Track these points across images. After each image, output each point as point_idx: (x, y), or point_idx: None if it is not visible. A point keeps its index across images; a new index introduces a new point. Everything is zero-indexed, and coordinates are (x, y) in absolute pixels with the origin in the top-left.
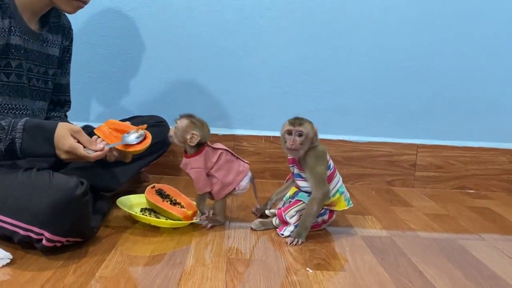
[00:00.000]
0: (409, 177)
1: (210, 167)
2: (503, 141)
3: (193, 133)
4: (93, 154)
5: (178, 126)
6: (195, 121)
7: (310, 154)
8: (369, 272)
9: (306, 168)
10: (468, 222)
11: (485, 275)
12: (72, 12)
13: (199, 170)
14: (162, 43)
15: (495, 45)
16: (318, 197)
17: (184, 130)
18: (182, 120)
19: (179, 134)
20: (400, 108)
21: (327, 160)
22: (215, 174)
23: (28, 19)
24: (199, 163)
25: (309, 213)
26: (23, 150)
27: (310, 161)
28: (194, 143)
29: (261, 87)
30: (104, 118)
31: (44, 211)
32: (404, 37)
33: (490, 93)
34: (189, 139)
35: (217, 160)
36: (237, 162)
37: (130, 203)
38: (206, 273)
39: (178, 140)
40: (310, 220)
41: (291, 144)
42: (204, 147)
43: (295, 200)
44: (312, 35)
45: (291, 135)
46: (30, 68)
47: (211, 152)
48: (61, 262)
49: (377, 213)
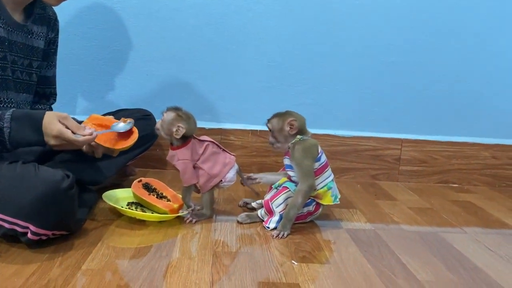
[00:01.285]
0: (394, 171)
1: (197, 159)
2: (486, 136)
3: (179, 125)
4: (81, 138)
5: (164, 119)
6: (181, 114)
7: (298, 147)
8: (354, 264)
9: (294, 160)
10: (450, 216)
11: (466, 267)
12: (56, 4)
13: (186, 162)
14: (149, 36)
15: (480, 41)
16: (303, 189)
17: (170, 123)
18: (168, 113)
19: (165, 126)
20: (385, 103)
21: (317, 154)
22: (202, 165)
23: (12, 10)
24: (186, 155)
25: (293, 204)
26: (12, 139)
27: (298, 154)
28: (179, 136)
29: (248, 81)
30: (90, 111)
31: (29, 204)
32: (390, 33)
33: (474, 89)
34: (175, 132)
35: (203, 152)
36: (223, 154)
37: (116, 197)
38: (192, 265)
39: (165, 132)
40: (295, 211)
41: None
42: (190, 139)
43: (282, 187)
44: (299, 29)
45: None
46: (14, 61)
47: (197, 144)
48: (46, 255)
49: (362, 207)
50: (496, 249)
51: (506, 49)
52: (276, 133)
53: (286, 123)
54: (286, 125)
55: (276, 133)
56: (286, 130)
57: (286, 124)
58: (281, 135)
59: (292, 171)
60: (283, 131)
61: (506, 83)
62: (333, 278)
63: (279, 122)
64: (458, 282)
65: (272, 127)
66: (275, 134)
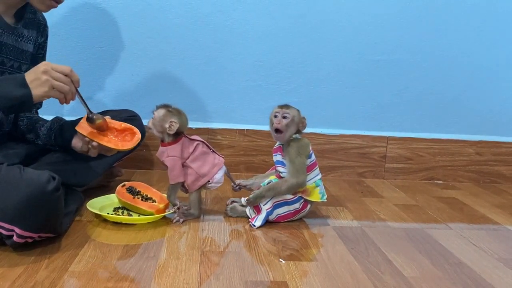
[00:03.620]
0: (380, 169)
1: (186, 157)
2: (470, 133)
3: (171, 121)
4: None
5: (155, 117)
6: (172, 109)
7: (293, 144)
8: (340, 261)
9: (288, 157)
10: (436, 212)
11: (451, 262)
12: (45, 11)
13: (175, 159)
14: (134, 36)
15: (463, 39)
16: (292, 182)
17: (162, 119)
18: (158, 110)
19: (157, 124)
20: (370, 102)
21: (309, 152)
22: (191, 164)
23: (3, 12)
24: (176, 151)
25: (274, 187)
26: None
27: (292, 150)
28: (173, 131)
29: (235, 80)
30: (77, 111)
31: (14, 206)
32: (374, 32)
33: (458, 86)
34: (168, 128)
35: (193, 151)
36: (212, 155)
37: (101, 204)
38: (180, 265)
39: (157, 130)
40: (271, 194)
41: (277, 123)
42: (181, 136)
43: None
44: (284, 28)
45: (277, 117)
46: (3, 62)
47: (187, 142)
48: (33, 257)
49: (349, 204)
50: (480, 244)
51: (489, 46)
52: (293, 123)
53: (302, 119)
54: (302, 120)
55: (293, 123)
56: (300, 126)
57: (302, 120)
58: (294, 127)
59: (283, 167)
60: (297, 125)
61: (489, 81)
62: (320, 275)
63: (299, 116)
64: (443, 277)
65: (293, 117)
66: (290, 124)
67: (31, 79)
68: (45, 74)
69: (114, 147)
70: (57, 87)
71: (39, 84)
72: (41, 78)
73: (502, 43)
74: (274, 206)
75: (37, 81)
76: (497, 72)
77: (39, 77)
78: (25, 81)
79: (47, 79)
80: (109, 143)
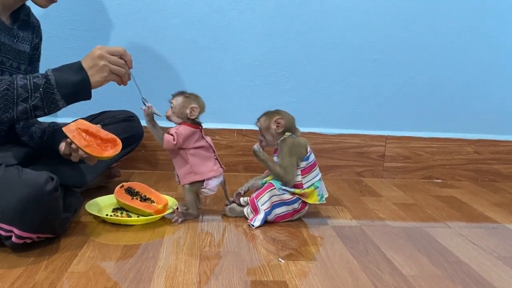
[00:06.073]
0: (378, 168)
1: (187, 147)
2: (469, 132)
3: (192, 106)
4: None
5: (175, 105)
6: (188, 95)
7: (286, 143)
8: (340, 260)
9: (280, 154)
10: (434, 211)
11: (450, 260)
12: (46, 6)
13: (179, 134)
14: (131, 36)
15: (460, 38)
16: (281, 174)
17: (182, 105)
18: (176, 98)
19: (177, 111)
20: (368, 101)
21: (304, 153)
22: (189, 156)
23: (0, 13)
24: (186, 131)
25: (269, 165)
26: (59, 83)
27: (284, 150)
28: (195, 116)
29: (233, 81)
30: (72, 113)
31: (13, 207)
32: (372, 31)
33: (455, 85)
34: (189, 113)
35: (197, 147)
36: (214, 161)
37: (100, 205)
38: (179, 266)
39: (178, 116)
40: (266, 163)
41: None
42: (198, 127)
43: (267, 184)
44: (282, 28)
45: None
46: (3, 61)
47: (198, 136)
48: (32, 258)
49: (348, 204)
50: (479, 242)
51: (487, 46)
52: (264, 131)
53: (273, 121)
54: (273, 123)
55: (264, 131)
56: (272, 128)
57: (273, 122)
58: (268, 133)
59: None
60: (270, 129)
61: (487, 79)
62: (320, 274)
63: (266, 121)
64: (442, 275)
65: (260, 125)
66: (263, 132)
67: (89, 66)
68: (102, 59)
69: (90, 153)
70: (114, 70)
71: (98, 70)
72: (99, 63)
73: (500, 42)
74: (272, 206)
75: (95, 68)
76: (495, 71)
77: (97, 63)
78: (82, 67)
79: (105, 64)
80: (86, 148)
